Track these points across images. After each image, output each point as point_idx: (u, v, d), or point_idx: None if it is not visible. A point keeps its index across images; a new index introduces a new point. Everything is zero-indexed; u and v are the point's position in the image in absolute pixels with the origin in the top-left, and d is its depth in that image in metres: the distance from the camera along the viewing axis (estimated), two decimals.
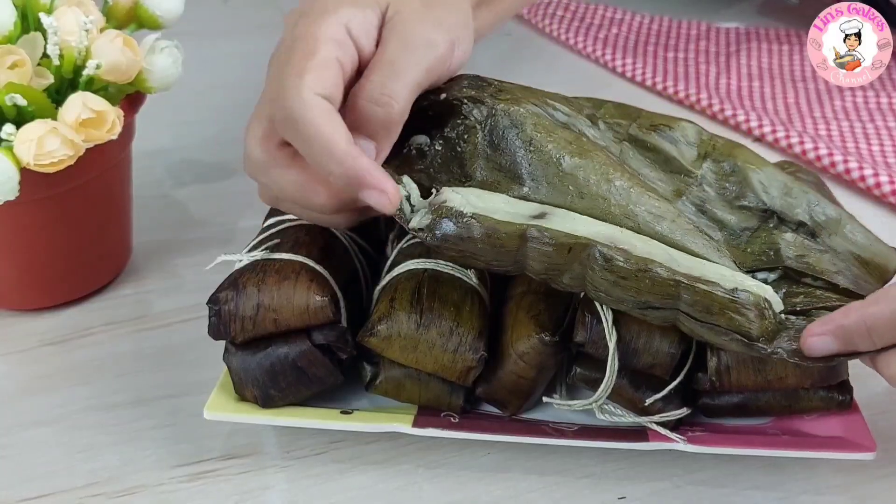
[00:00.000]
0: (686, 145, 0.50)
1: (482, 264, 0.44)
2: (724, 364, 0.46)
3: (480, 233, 0.43)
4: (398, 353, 0.47)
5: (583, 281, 0.43)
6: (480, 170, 0.46)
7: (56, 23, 0.51)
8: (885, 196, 0.67)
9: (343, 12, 0.45)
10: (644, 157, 0.49)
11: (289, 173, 0.46)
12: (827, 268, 0.46)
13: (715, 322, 0.42)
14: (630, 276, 0.42)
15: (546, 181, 0.45)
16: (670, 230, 0.44)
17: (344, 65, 0.45)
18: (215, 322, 0.47)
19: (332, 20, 0.45)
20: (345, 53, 0.45)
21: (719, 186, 0.49)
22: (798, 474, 0.48)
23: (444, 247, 0.44)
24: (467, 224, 0.43)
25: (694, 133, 0.50)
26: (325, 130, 0.42)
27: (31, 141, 0.48)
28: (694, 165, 0.49)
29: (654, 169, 0.49)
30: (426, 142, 0.48)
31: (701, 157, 0.50)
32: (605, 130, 0.50)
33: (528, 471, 0.48)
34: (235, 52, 0.90)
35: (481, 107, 0.47)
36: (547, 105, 0.48)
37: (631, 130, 0.50)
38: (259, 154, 0.46)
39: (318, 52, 0.44)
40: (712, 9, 0.97)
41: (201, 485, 0.48)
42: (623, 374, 0.47)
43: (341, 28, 0.45)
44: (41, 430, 0.51)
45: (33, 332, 0.58)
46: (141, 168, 0.63)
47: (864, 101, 0.80)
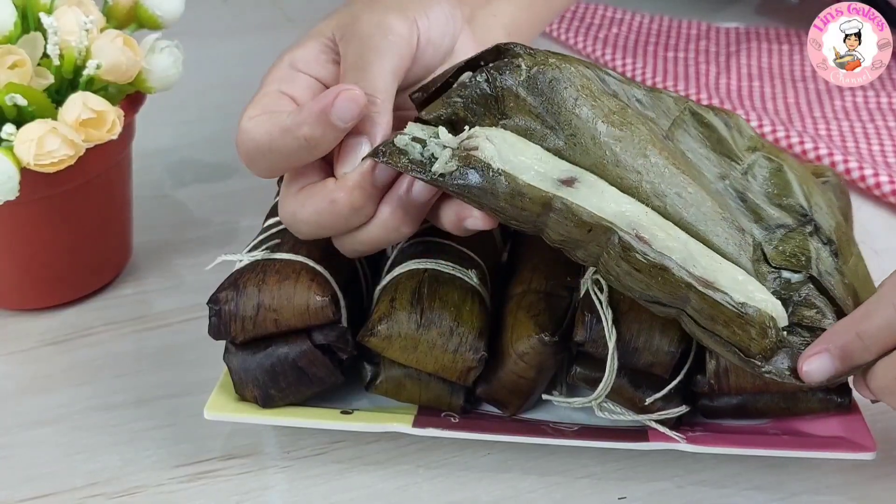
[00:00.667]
0: (739, 135, 0.50)
1: (500, 217, 0.43)
2: (723, 366, 0.46)
3: (505, 191, 0.42)
4: (398, 353, 0.47)
5: (597, 260, 0.43)
6: (518, 112, 0.44)
7: (56, 23, 0.51)
8: (885, 196, 0.67)
9: (286, 56, 0.48)
10: (699, 131, 0.49)
11: (308, 206, 0.45)
12: (841, 294, 0.46)
13: (717, 332, 0.42)
14: (644, 270, 0.42)
15: (584, 142, 0.43)
16: (696, 218, 0.43)
17: (292, 93, 0.47)
18: (215, 322, 0.47)
19: (276, 67, 0.48)
20: (291, 85, 0.47)
21: (763, 180, 0.49)
22: (798, 474, 0.48)
23: (463, 195, 0.42)
24: (493, 179, 0.42)
25: (748, 128, 0.51)
26: (269, 128, 0.44)
27: (31, 141, 0.48)
28: (744, 154, 0.49)
29: (704, 146, 0.48)
30: (469, 76, 0.46)
31: (751, 150, 0.49)
32: (667, 98, 0.49)
33: (528, 471, 0.48)
34: (235, 52, 0.90)
35: (533, 55, 0.45)
36: (600, 70, 0.47)
37: (691, 103, 0.49)
38: (287, 213, 0.46)
39: (260, 91, 0.47)
40: (712, 8, 0.97)
41: (201, 485, 0.48)
42: (623, 374, 0.47)
43: (284, 67, 0.48)
44: (41, 431, 0.51)
45: (33, 332, 0.58)
46: (141, 168, 0.63)
47: (864, 101, 0.80)
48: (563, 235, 0.42)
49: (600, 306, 0.45)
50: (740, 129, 0.50)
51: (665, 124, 0.47)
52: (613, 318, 0.45)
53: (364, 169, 0.44)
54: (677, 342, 0.45)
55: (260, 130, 0.44)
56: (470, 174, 0.42)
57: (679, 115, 0.48)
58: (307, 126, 0.43)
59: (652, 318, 0.45)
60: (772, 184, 0.49)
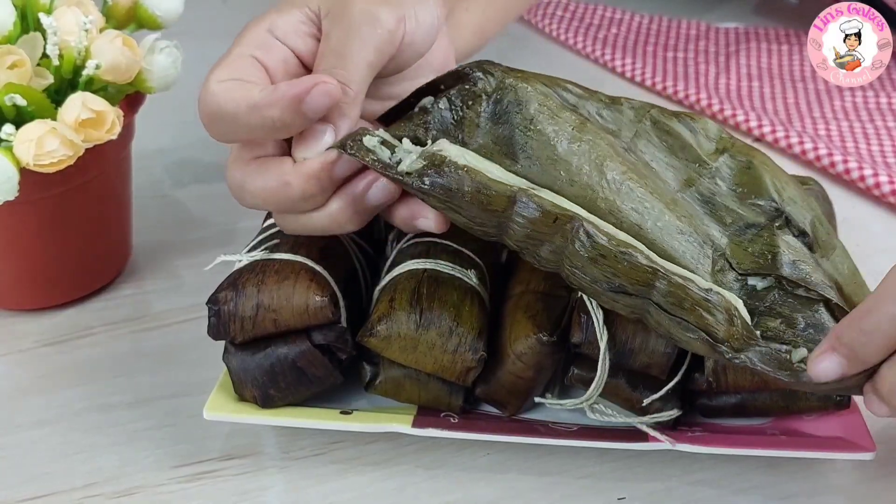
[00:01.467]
0: (705, 138, 0.49)
1: (463, 220, 0.43)
2: (721, 364, 0.46)
3: (470, 187, 0.42)
4: (398, 354, 0.47)
5: (560, 256, 0.43)
6: (479, 137, 0.45)
7: (56, 23, 0.51)
8: (885, 196, 0.67)
9: (266, 19, 0.47)
10: (661, 139, 0.49)
11: (259, 181, 0.45)
12: (821, 280, 0.45)
13: (684, 317, 0.42)
14: (609, 256, 0.42)
15: (540, 163, 0.44)
16: (653, 233, 0.44)
17: (266, 62, 0.45)
18: (215, 322, 0.47)
19: (254, 27, 0.46)
20: (267, 52, 0.46)
21: (732, 182, 0.49)
22: (797, 474, 0.48)
23: (430, 194, 0.43)
24: (459, 176, 0.42)
25: (715, 130, 0.50)
26: (237, 97, 0.43)
27: (30, 141, 0.48)
28: (710, 157, 0.49)
29: (668, 154, 0.48)
30: (431, 101, 0.47)
31: (718, 152, 0.49)
32: (627, 108, 0.49)
33: (527, 471, 0.48)
34: None
35: (490, 78, 0.46)
36: (558, 86, 0.47)
37: (653, 112, 0.49)
38: (234, 178, 0.46)
39: (232, 52, 0.45)
40: (711, 8, 0.97)
41: (201, 485, 0.48)
42: (620, 374, 0.47)
43: (262, 32, 0.46)
44: (40, 431, 0.51)
45: (33, 332, 0.58)
46: (141, 168, 0.63)
47: (864, 101, 0.80)
48: (528, 229, 0.42)
49: (590, 306, 0.45)
50: (707, 132, 0.50)
51: (627, 135, 0.48)
52: (609, 319, 0.45)
53: (325, 159, 0.44)
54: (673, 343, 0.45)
55: (226, 97, 0.43)
56: (436, 172, 0.42)
57: (640, 125, 0.49)
58: (277, 109, 0.42)
59: None
60: (741, 183, 0.49)
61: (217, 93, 0.43)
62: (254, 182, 0.45)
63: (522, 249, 0.44)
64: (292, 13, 0.47)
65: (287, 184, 0.44)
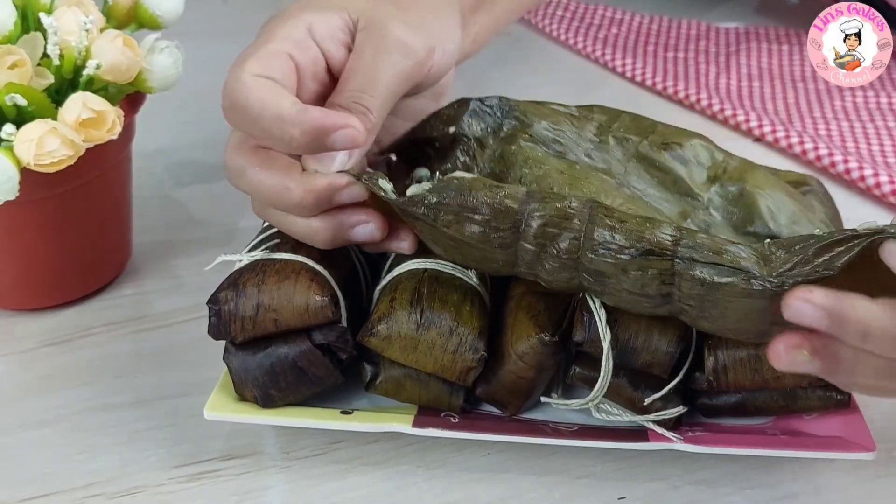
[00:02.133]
0: (697, 166, 0.50)
1: (478, 228, 0.43)
2: (721, 363, 0.46)
3: (484, 188, 0.43)
4: (398, 353, 0.47)
5: (578, 243, 0.42)
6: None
7: (56, 23, 0.51)
8: (885, 196, 0.67)
9: (305, 16, 0.46)
10: (651, 175, 0.49)
11: (262, 174, 0.45)
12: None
13: (720, 262, 0.40)
14: (630, 220, 0.42)
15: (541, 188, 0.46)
16: None
17: (300, 62, 0.45)
18: (215, 322, 0.47)
19: (293, 22, 0.45)
20: (303, 52, 0.45)
21: (726, 211, 0.49)
22: (798, 474, 0.48)
23: (442, 203, 0.43)
24: (471, 183, 0.43)
25: (706, 155, 0.50)
26: (268, 100, 0.42)
27: (31, 141, 0.48)
28: (702, 188, 0.49)
29: (660, 189, 0.49)
30: (427, 175, 0.48)
31: (710, 180, 0.50)
32: (615, 146, 0.49)
33: (528, 471, 0.48)
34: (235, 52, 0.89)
35: (484, 150, 0.48)
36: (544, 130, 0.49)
37: (641, 148, 0.50)
38: (235, 160, 0.46)
39: (269, 43, 0.44)
40: (711, 8, 0.97)
41: (201, 485, 0.48)
42: (622, 374, 0.47)
43: (301, 29, 0.45)
44: (41, 431, 0.51)
45: (33, 332, 0.58)
46: (141, 168, 0.63)
47: (864, 101, 0.80)
48: (545, 219, 0.43)
49: (594, 306, 0.45)
50: (698, 158, 0.50)
51: (619, 172, 0.49)
52: (612, 318, 0.45)
53: (333, 182, 0.44)
54: (676, 342, 0.45)
55: (257, 95, 0.43)
56: (447, 187, 0.43)
57: (629, 163, 0.49)
58: (299, 130, 0.42)
59: (650, 317, 0.45)
60: (735, 212, 0.49)
61: (249, 86, 0.43)
62: (256, 174, 0.45)
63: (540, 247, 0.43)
64: (332, 17, 0.46)
65: (288, 188, 0.44)
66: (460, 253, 0.45)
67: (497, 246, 0.44)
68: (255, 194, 0.46)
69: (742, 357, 0.46)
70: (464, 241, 0.44)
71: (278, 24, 0.46)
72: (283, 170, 0.45)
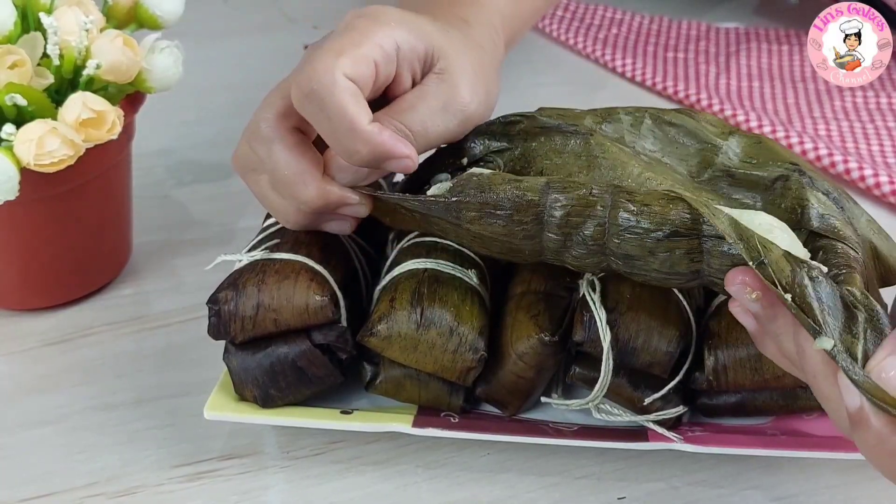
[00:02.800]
0: (708, 124, 0.49)
1: (501, 223, 0.43)
2: (721, 363, 0.46)
3: (504, 180, 0.43)
4: (398, 353, 0.47)
5: (603, 228, 0.42)
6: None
7: (56, 23, 0.51)
8: (885, 196, 0.67)
9: (398, 31, 0.45)
10: (665, 133, 0.48)
11: (289, 155, 0.45)
12: (850, 235, 0.43)
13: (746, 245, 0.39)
14: (653, 202, 0.41)
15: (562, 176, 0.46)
16: None
17: (380, 73, 0.45)
18: (215, 322, 0.47)
19: (387, 32, 0.45)
20: (384, 67, 0.45)
21: (745, 155, 0.48)
22: (797, 474, 0.48)
23: (463, 201, 0.43)
24: (491, 179, 0.43)
25: (715, 120, 0.50)
26: (350, 110, 0.42)
27: (31, 141, 0.48)
28: (718, 137, 0.48)
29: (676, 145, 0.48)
30: (447, 178, 0.48)
31: (725, 134, 0.49)
32: (624, 116, 0.49)
33: (528, 471, 0.48)
34: (235, 52, 0.90)
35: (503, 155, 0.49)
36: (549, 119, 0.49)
37: (650, 110, 0.49)
38: (269, 126, 0.46)
39: (363, 46, 0.44)
40: (711, 8, 0.97)
41: (201, 485, 0.48)
42: (622, 374, 0.47)
43: (392, 43, 0.45)
44: (41, 430, 0.51)
45: (33, 332, 0.58)
46: (141, 168, 0.63)
47: (864, 101, 0.80)
48: (568, 209, 0.42)
49: (594, 306, 0.45)
50: (709, 122, 0.50)
51: (631, 140, 0.48)
52: (612, 318, 0.45)
53: (347, 198, 0.46)
54: (676, 342, 0.45)
55: (341, 98, 0.42)
56: (467, 185, 0.44)
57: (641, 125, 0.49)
58: (365, 148, 0.43)
59: (650, 318, 0.45)
60: (753, 155, 0.48)
61: (339, 87, 0.42)
62: (282, 152, 0.45)
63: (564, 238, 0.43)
64: (418, 44, 0.46)
65: (305, 183, 0.45)
66: (485, 247, 0.46)
67: (522, 238, 0.44)
68: (268, 166, 0.46)
69: (742, 357, 0.46)
70: (488, 236, 0.44)
71: (373, 25, 0.45)
72: (310, 163, 0.45)
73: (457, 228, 0.45)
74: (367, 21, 0.45)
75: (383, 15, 0.46)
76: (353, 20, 0.46)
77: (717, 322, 0.47)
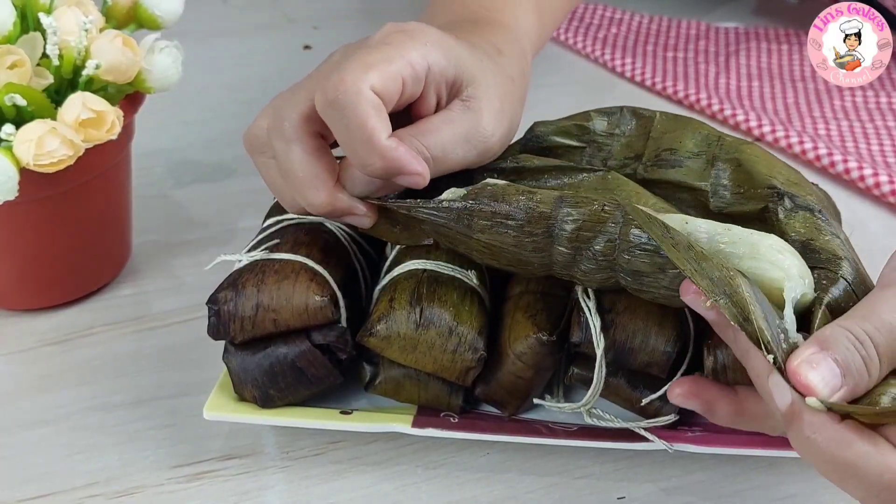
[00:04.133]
0: (692, 159, 0.49)
1: (512, 233, 0.44)
2: (721, 363, 0.46)
3: (517, 192, 0.43)
4: (397, 353, 0.47)
5: (614, 245, 0.42)
6: None
7: (56, 23, 0.51)
8: (885, 196, 0.67)
9: (433, 53, 0.45)
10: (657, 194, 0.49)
11: (306, 159, 0.45)
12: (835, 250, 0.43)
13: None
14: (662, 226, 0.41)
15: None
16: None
17: (406, 90, 0.45)
18: (215, 322, 0.47)
19: (421, 51, 0.45)
20: (413, 83, 0.45)
21: (734, 184, 0.48)
22: (796, 475, 0.48)
23: (475, 209, 0.44)
24: (504, 188, 0.44)
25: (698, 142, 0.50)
26: (370, 123, 0.43)
27: (30, 141, 0.48)
28: (703, 177, 0.49)
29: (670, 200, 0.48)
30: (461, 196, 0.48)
31: (709, 163, 0.49)
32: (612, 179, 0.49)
33: (527, 471, 0.48)
34: (235, 52, 0.90)
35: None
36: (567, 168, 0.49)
37: (638, 174, 0.50)
38: (292, 127, 0.46)
39: (394, 62, 0.44)
40: (711, 8, 0.97)
41: (201, 485, 0.48)
42: (620, 374, 0.47)
43: (423, 63, 0.45)
44: (41, 431, 0.51)
45: (33, 332, 0.58)
46: (141, 168, 0.63)
47: (864, 101, 0.80)
48: (579, 223, 0.43)
49: (588, 314, 0.45)
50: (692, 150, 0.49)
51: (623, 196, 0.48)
52: (608, 319, 0.45)
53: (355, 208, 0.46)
54: (673, 342, 0.45)
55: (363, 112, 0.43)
56: (481, 193, 0.44)
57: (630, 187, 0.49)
58: (382, 164, 0.43)
59: (647, 318, 0.45)
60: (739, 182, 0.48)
61: (364, 100, 0.43)
62: (300, 154, 0.45)
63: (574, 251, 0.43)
64: (449, 68, 0.46)
65: (316, 187, 0.45)
66: (495, 258, 0.46)
67: (531, 250, 0.44)
68: (284, 164, 0.46)
69: None
70: (498, 246, 0.44)
71: (409, 42, 0.45)
72: (324, 169, 0.46)
73: (467, 240, 0.45)
74: (404, 37, 0.45)
75: (421, 34, 0.46)
76: (390, 33, 0.46)
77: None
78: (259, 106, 0.48)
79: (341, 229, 0.51)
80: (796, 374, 0.36)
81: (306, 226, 0.51)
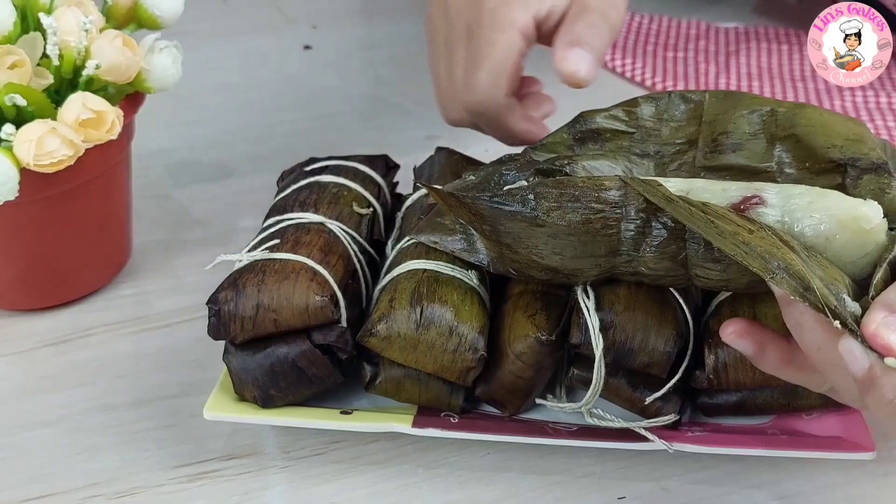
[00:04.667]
0: (751, 139, 0.49)
1: (580, 213, 0.44)
2: (722, 361, 0.46)
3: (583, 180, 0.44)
4: (398, 353, 0.47)
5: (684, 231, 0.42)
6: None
7: (56, 23, 0.51)
8: None
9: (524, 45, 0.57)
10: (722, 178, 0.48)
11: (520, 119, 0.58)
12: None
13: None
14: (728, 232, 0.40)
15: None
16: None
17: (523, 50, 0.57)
18: (215, 322, 0.47)
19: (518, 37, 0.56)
20: (528, 43, 0.56)
21: (797, 164, 0.48)
22: (797, 474, 0.48)
23: (543, 194, 0.44)
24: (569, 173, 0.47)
25: (754, 121, 0.49)
26: (507, 122, 0.57)
27: (30, 141, 0.48)
28: (766, 158, 0.48)
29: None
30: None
31: (770, 142, 0.48)
32: (677, 171, 0.49)
33: (528, 471, 0.48)
34: (235, 52, 0.90)
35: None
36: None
37: (697, 162, 0.49)
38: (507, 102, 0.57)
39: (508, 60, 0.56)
40: (711, 8, 0.97)
41: (201, 485, 0.48)
42: (620, 374, 0.47)
43: (522, 44, 0.56)
44: (41, 431, 0.51)
45: (33, 332, 0.58)
46: (141, 168, 0.63)
47: (864, 101, 0.80)
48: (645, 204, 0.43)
49: (587, 314, 0.45)
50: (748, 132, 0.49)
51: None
52: (608, 320, 0.45)
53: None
54: (673, 342, 0.45)
55: (500, 116, 0.57)
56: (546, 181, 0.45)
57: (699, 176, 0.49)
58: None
59: (647, 318, 0.45)
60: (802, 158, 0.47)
61: (505, 107, 0.57)
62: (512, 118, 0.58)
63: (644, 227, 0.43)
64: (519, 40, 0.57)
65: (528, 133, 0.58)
66: (559, 251, 0.45)
67: (599, 228, 0.44)
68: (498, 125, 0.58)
69: (742, 356, 0.46)
70: (565, 232, 0.44)
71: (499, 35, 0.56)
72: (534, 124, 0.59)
73: (531, 232, 0.45)
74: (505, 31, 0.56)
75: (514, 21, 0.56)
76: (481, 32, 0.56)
77: (718, 321, 0.47)
78: (259, 106, 0.48)
79: (342, 229, 0.51)
80: (876, 337, 0.35)
81: (307, 226, 0.51)
